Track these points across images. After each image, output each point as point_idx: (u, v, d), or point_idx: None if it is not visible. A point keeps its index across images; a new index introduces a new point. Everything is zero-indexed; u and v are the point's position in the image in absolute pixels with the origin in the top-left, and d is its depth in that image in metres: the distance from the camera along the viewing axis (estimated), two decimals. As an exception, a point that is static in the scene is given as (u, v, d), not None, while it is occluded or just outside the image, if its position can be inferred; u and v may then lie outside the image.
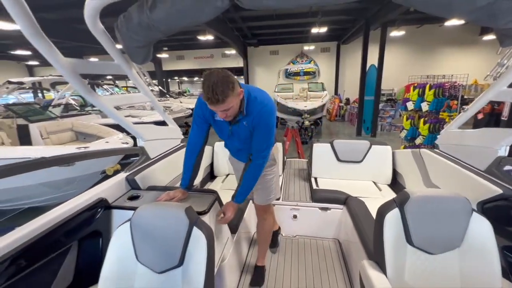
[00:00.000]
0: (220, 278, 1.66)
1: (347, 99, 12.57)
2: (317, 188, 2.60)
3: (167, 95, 12.25)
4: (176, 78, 24.01)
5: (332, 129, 10.00)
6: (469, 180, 1.73)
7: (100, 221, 1.39)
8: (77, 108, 7.46)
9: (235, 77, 1.26)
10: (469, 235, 1.11)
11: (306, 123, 7.79)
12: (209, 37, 9.66)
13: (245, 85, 1.40)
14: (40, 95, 15.30)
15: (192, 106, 9.97)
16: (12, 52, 11.39)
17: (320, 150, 2.87)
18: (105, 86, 9.14)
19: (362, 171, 2.79)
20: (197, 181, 2.62)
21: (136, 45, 1.38)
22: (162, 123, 2.34)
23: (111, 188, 1.54)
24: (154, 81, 14.71)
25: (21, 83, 6.04)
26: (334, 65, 13.34)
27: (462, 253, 1.12)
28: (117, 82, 9.74)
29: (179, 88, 23.95)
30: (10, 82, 5.91)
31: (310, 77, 13.46)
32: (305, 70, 13.45)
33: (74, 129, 5.14)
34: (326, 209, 2.41)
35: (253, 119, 1.40)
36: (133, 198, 1.55)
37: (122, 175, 1.67)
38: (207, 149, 2.95)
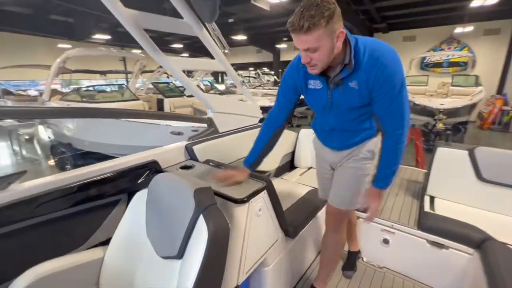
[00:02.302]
0: (259, 285, 1.35)
1: (519, 101, 8.79)
2: (431, 212, 1.78)
3: (279, 84, 12.56)
4: (292, 69, 24.48)
5: (482, 140, 7.26)
6: None
7: (147, 183, 1.36)
8: (204, 91, 8.82)
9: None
10: None
11: (440, 125, 5.94)
12: (329, 23, 8.96)
13: (357, 36, 1.04)
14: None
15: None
16: (171, 46, 14.73)
17: (449, 158, 1.95)
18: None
19: None
20: (272, 167, 2.36)
21: (199, -5, 1.21)
22: (263, 110, 2.19)
23: (168, 153, 1.51)
24: (271, 72, 15.44)
25: (168, 67, 7.65)
26: (503, 53, 9.55)
27: None
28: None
29: (294, 80, 24.26)
30: (161, 67, 7.60)
31: (458, 69, 10.28)
32: (451, 60, 10.38)
33: (193, 106, 6.02)
34: (440, 245, 1.60)
35: (367, 78, 1.01)
36: (185, 167, 1.46)
37: (183, 143, 1.62)
38: (291, 135, 2.62)
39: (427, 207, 1.84)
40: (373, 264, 1.86)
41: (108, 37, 10.29)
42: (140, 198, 1.02)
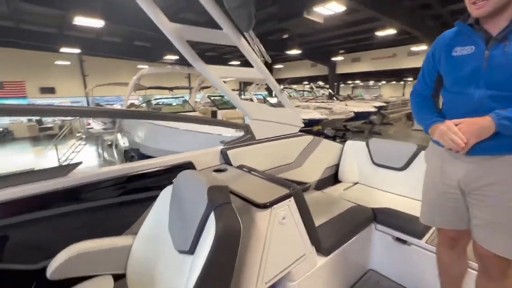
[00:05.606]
0: None
1: None
2: None
3: (334, 98, 12.13)
4: (349, 82, 23.40)
5: None
6: None
7: None
8: (256, 103, 9.12)
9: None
10: None
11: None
12: (390, 32, 8.36)
13: None
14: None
15: (357, 109, 9.19)
16: (229, 63, 15.80)
17: None
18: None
19: None
20: (312, 179, 2.24)
21: (234, 5, 1.27)
22: (314, 123, 2.16)
23: (203, 156, 1.58)
24: (326, 86, 15.06)
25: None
26: None
27: None
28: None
29: (351, 93, 23.13)
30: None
31: None
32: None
33: (244, 118, 6.26)
34: None
35: None
36: (218, 171, 1.50)
37: (218, 147, 1.67)
38: (335, 147, 2.46)
39: None
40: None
41: (176, 57, 11.73)
42: (166, 193, 1.09)
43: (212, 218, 0.79)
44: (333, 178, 2.50)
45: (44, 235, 1.09)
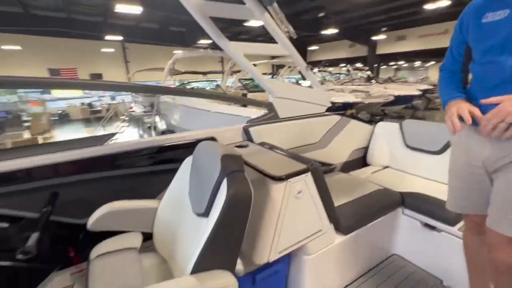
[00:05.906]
0: (298, 273, 1.30)
1: None
2: None
3: (373, 80, 11.32)
4: (392, 63, 21.52)
5: None
6: None
7: None
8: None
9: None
10: None
11: None
12: (443, 4, 7.40)
13: None
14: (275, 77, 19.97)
15: (398, 93, 8.48)
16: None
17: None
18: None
19: None
20: (338, 160, 2.18)
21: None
22: (347, 106, 2.10)
23: (226, 132, 1.63)
24: (365, 67, 14.07)
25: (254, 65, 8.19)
26: None
27: None
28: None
29: (394, 75, 21.30)
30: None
31: None
32: None
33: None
34: None
35: None
36: (240, 146, 1.55)
37: (241, 125, 1.71)
38: (364, 128, 2.34)
39: None
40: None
41: (209, 41, 11.88)
42: (188, 162, 1.17)
43: (224, 184, 0.83)
44: (361, 161, 2.40)
45: (89, 195, 1.25)
